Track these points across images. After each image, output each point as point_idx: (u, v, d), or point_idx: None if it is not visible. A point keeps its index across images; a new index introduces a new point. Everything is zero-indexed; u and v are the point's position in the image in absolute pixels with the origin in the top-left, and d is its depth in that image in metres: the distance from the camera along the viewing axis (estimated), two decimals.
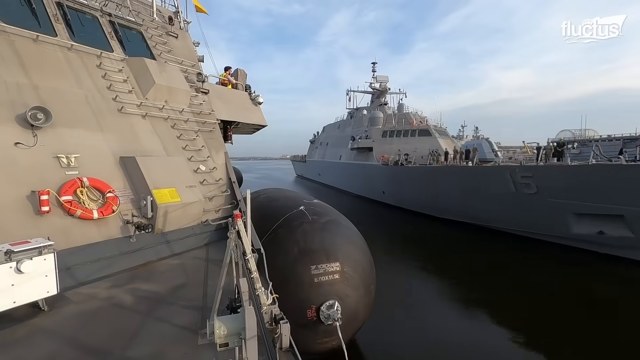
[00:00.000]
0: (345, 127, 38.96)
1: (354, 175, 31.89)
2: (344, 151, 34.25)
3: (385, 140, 27.90)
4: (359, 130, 32.79)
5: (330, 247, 5.77)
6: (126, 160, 5.77)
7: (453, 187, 18.14)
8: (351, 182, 33.29)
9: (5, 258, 3.25)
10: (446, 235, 17.48)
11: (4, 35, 5.07)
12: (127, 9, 7.46)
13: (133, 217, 5.41)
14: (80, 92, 5.68)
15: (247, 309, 2.09)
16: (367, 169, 28.19)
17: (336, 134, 40.91)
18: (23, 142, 4.62)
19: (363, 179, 29.65)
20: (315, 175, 48.17)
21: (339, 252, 5.77)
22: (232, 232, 3.11)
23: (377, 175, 26.33)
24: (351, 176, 32.77)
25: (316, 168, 47.44)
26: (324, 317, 5.23)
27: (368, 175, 28.31)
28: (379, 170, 25.76)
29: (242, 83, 10.40)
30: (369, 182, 28.52)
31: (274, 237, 6.04)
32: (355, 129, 34.33)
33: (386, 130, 28.64)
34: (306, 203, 6.90)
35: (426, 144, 25.12)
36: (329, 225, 6.22)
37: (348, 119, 39.87)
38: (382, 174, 25.61)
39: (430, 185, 20.21)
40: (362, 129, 32.38)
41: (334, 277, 5.49)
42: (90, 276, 4.59)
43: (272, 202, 7.69)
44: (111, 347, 3.08)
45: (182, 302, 4.06)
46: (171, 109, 7.12)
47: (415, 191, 22.05)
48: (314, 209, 6.69)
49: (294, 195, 8.27)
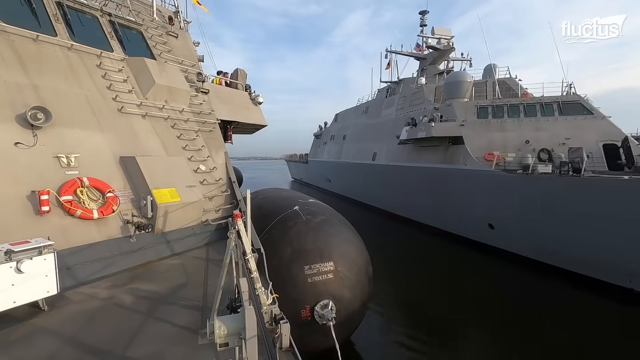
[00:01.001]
0: (382, 108, 24.93)
1: (412, 188, 18.24)
2: (382, 146, 22.37)
3: (484, 125, 15.21)
4: (415, 111, 19.60)
5: (324, 247, 5.77)
6: (126, 160, 5.77)
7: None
8: (406, 199, 19.43)
9: (5, 258, 3.26)
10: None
11: (4, 35, 5.07)
12: (127, 9, 7.46)
13: (133, 217, 5.41)
14: (80, 92, 5.68)
15: (247, 309, 2.08)
16: (455, 179, 14.98)
17: (362, 120, 27.97)
18: (23, 142, 4.61)
19: (440, 197, 16.27)
20: (321, 181, 35.58)
21: (333, 251, 5.77)
22: (232, 232, 3.10)
23: (495, 192, 12.99)
24: (406, 189, 18.97)
25: (324, 170, 34.38)
26: (318, 317, 5.25)
27: (457, 190, 14.99)
28: (501, 183, 12.62)
29: (242, 83, 10.40)
30: (461, 206, 15.06)
31: (268, 237, 6.04)
32: (408, 109, 20.74)
33: (485, 106, 15.67)
34: (301, 203, 6.90)
35: (588, 131, 13.60)
36: (323, 224, 6.21)
37: (382, 97, 26.49)
38: (511, 191, 12.35)
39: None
40: (421, 107, 19.23)
41: (327, 277, 5.50)
42: (90, 276, 4.59)
43: (268, 202, 7.70)
44: (111, 347, 3.08)
45: (182, 302, 4.06)
46: (171, 108, 7.12)
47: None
48: (309, 208, 6.68)
49: (291, 195, 8.30)
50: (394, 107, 23.33)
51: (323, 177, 34.63)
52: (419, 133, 16.86)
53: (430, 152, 17.21)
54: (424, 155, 17.66)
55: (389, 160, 21.28)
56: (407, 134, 17.86)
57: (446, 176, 15.60)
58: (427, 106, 18.79)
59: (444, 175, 15.79)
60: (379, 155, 22.88)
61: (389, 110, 24.03)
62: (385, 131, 22.79)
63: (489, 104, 15.88)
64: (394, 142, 20.39)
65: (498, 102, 15.83)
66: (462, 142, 14.95)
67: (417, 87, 21.17)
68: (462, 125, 15.36)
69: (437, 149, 16.79)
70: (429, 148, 17.37)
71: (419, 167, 17.76)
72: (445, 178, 15.66)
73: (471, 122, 15.48)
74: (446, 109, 16.84)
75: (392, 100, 24.22)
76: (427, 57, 25.38)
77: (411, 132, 17.51)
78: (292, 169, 52.06)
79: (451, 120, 15.98)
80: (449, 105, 16.83)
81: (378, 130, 24.43)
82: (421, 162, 17.78)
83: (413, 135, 17.28)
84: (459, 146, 15.16)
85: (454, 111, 16.15)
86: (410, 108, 20.94)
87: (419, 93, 20.68)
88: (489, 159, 13.78)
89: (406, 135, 17.93)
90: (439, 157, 16.53)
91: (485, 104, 15.95)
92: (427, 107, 18.58)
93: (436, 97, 19.50)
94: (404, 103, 22.12)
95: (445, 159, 16.04)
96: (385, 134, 22.57)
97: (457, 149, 15.39)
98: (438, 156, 16.61)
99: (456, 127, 15.46)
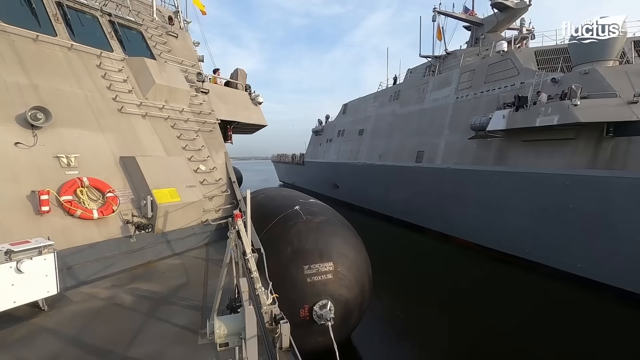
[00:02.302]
0: (428, 90, 18.29)
1: (511, 207, 12.13)
2: (436, 142, 16.34)
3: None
4: (501, 88, 13.66)
5: (324, 247, 5.77)
6: (126, 160, 5.77)
7: None
8: (497, 222, 12.72)
9: (5, 258, 3.25)
10: None
11: (4, 35, 5.07)
12: (127, 9, 7.45)
13: (133, 217, 5.41)
14: (80, 92, 5.68)
15: (247, 309, 2.08)
16: (629, 197, 9.04)
17: (391, 109, 21.14)
18: (23, 142, 4.61)
19: (587, 226, 10.00)
20: (323, 186, 27.87)
21: (333, 252, 5.76)
22: (232, 232, 3.10)
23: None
24: (494, 207, 12.77)
25: (329, 174, 27.20)
26: (316, 316, 5.25)
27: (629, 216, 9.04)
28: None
29: (242, 83, 10.40)
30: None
31: (268, 236, 6.04)
32: (483, 87, 14.64)
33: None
34: (302, 203, 6.90)
35: None
36: (323, 224, 6.21)
37: (419, 77, 20.10)
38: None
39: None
40: (515, 82, 13.13)
41: (327, 277, 5.50)
42: (90, 276, 4.59)
43: (269, 201, 7.71)
44: (111, 347, 3.08)
45: (182, 302, 4.06)
46: (171, 108, 7.12)
47: None
48: (309, 208, 6.67)
49: (292, 194, 8.29)
50: (452, 87, 16.50)
51: (327, 182, 26.96)
52: (538, 119, 10.55)
53: (553, 150, 11.00)
54: (539, 155, 11.41)
55: (451, 162, 14.91)
56: (505, 122, 11.58)
57: (602, 190, 9.53)
58: (527, 79, 12.49)
59: (595, 190, 9.66)
60: (429, 154, 16.48)
61: (443, 91, 17.08)
62: (439, 121, 16.57)
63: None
64: (459, 136, 14.80)
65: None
66: (639, 132, 9.27)
67: (502, 53, 14.32)
68: (633, 102, 9.42)
69: (568, 145, 10.63)
70: (547, 143, 11.15)
71: (532, 174, 11.30)
72: (597, 194, 9.62)
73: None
74: (581, 80, 10.70)
75: (447, 78, 17.18)
76: (484, 22, 18.66)
77: (515, 118, 11.27)
78: (281, 170, 43.18)
79: (601, 95, 10.01)
80: (587, 72, 10.72)
81: (423, 120, 17.81)
82: (532, 165, 11.42)
83: (521, 122, 11.09)
84: (636, 138, 9.31)
85: (605, 81, 10.22)
86: (488, 85, 14.37)
87: (505, 62, 13.87)
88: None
89: (503, 124, 11.61)
90: (580, 157, 10.34)
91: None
92: (528, 81, 12.29)
93: (541, 67, 13.13)
94: (473, 79, 15.29)
95: (597, 161, 9.96)
96: (439, 124, 16.50)
97: (629, 144, 9.43)
98: (577, 156, 10.42)
99: (622, 106, 9.53)
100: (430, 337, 7.79)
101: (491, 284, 11.02)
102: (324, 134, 31.69)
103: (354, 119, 26.42)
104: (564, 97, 10.29)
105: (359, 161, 23.09)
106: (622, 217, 9.19)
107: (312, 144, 34.37)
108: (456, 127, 15.39)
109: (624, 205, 9.17)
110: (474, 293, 10.24)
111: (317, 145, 32.66)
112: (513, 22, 17.95)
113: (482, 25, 18.94)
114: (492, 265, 12.35)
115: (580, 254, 10.23)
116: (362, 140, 23.88)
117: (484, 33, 18.41)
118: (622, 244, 9.17)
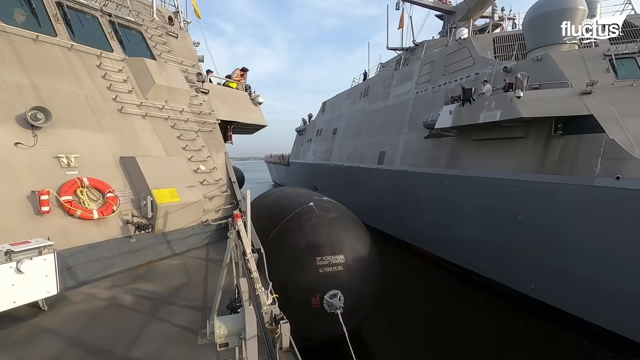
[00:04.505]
0: (393, 85, 16.70)
1: (464, 217, 10.65)
2: (396, 142, 14.91)
3: (637, 93, 7.86)
4: (458, 80, 12.13)
5: (336, 241, 6.08)
6: (126, 160, 5.77)
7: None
8: (449, 231, 11.38)
9: (5, 258, 3.26)
10: None
11: (4, 35, 5.07)
12: (127, 9, 7.45)
13: (133, 217, 5.41)
14: (80, 92, 5.68)
15: (247, 309, 2.09)
16: (580, 207, 7.46)
17: (361, 107, 19.67)
18: (23, 142, 4.61)
19: (536, 238, 8.40)
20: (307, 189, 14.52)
21: (344, 245, 6.08)
22: (232, 232, 3.11)
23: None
24: (445, 215, 11.49)
25: (309, 175, 25.93)
26: (327, 305, 5.59)
27: (584, 230, 7.40)
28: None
29: (242, 83, 10.42)
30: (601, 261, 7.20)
31: (284, 229, 6.36)
32: (441, 80, 13.18)
33: (631, 55, 8.45)
34: (316, 200, 7.20)
35: None
36: (335, 220, 6.50)
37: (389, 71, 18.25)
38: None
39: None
40: (471, 72, 11.77)
41: (338, 269, 5.84)
42: (90, 276, 4.60)
43: (285, 198, 8.05)
44: (111, 347, 3.08)
45: (182, 302, 4.06)
46: (171, 109, 7.12)
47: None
48: (323, 205, 6.98)
49: (306, 192, 8.61)
50: (414, 81, 14.81)
51: (307, 184, 24.03)
52: (482, 115, 9.05)
53: (502, 151, 9.47)
54: (488, 157, 9.89)
55: (408, 164, 13.43)
56: (451, 119, 10.14)
57: (550, 202, 8.05)
58: (482, 69, 11.02)
59: (543, 199, 8.20)
60: (390, 155, 14.91)
61: (406, 86, 15.38)
62: (400, 118, 14.92)
63: (638, 50, 8.40)
64: (416, 135, 13.33)
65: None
66: (593, 129, 7.58)
67: (459, 41, 12.76)
68: (586, 93, 7.92)
69: (516, 145, 9.14)
70: (497, 142, 9.62)
71: (480, 178, 9.87)
72: (546, 205, 8.13)
73: (607, 87, 8.04)
74: (534, 68, 9.22)
75: (410, 71, 15.48)
76: (456, 9, 17.37)
77: (461, 114, 9.86)
78: (273, 171, 42.09)
79: (552, 85, 8.47)
80: (540, 59, 9.20)
81: (387, 118, 16.18)
82: (480, 168, 9.98)
83: (466, 119, 9.64)
84: (587, 137, 7.71)
85: (557, 68, 8.71)
86: (446, 78, 12.85)
87: (462, 51, 12.37)
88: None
89: (450, 121, 10.20)
90: (528, 159, 8.79)
91: (630, 52, 8.46)
92: (483, 71, 10.84)
93: (497, 55, 11.65)
94: (433, 71, 13.74)
95: (545, 164, 8.39)
96: (400, 122, 14.85)
97: (579, 143, 7.85)
98: (524, 158, 8.89)
99: (573, 98, 8.01)
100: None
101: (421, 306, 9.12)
102: (305, 134, 29.69)
103: (330, 117, 24.68)
104: (509, 88, 8.69)
105: (331, 162, 21.47)
106: (571, 232, 7.69)
107: (296, 144, 32.47)
108: (414, 125, 13.67)
109: (571, 218, 7.65)
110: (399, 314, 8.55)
111: (300, 146, 30.75)
112: (486, 9, 16.81)
113: (454, 13, 17.57)
114: (443, 279, 10.93)
115: (534, 272, 8.56)
116: (335, 139, 22.29)
117: (455, 22, 16.81)
118: (573, 263, 7.72)
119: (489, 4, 16.48)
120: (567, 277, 7.91)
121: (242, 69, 10.61)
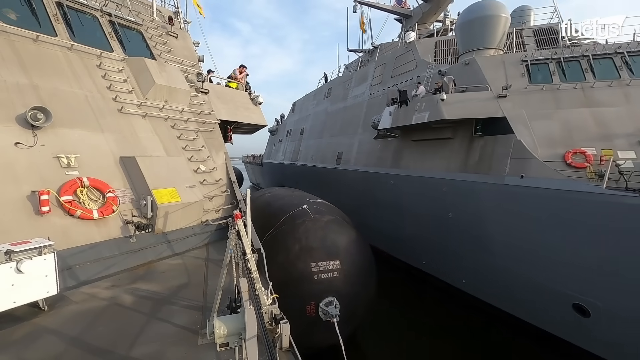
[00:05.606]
0: (351, 86, 17.37)
1: (412, 217, 11.15)
2: (351, 142, 15.61)
3: (548, 94, 8.64)
4: (404, 82, 12.79)
5: (331, 246, 5.86)
6: (126, 160, 5.76)
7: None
8: (400, 231, 11.95)
9: (5, 258, 3.25)
10: None
11: (4, 35, 5.07)
12: (127, 9, 7.45)
13: (133, 217, 5.41)
14: (80, 92, 5.68)
15: (247, 309, 2.08)
16: (495, 207, 8.14)
17: (324, 107, 20.21)
18: (23, 142, 4.61)
19: (464, 242, 9.17)
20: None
21: (340, 250, 5.86)
22: (232, 232, 3.10)
23: (604, 240, 6.09)
24: (393, 216, 12.02)
25: (279, 176, 25.98)
26: (322, 313, 5.37)
27: (503, 229, 8.00)
28: (620, 218, 5.80)
29: (242, 83, 10.42)
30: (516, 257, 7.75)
31: (277, 233, 6.14)
32: (390, 82, 13.77)
33: (543, 60, 9.14)
34: (310, 202, 7.00)
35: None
36: (330, 224, 6.28)
37: (351, 73, 18.63)
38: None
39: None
40: (413, 75, 12.42)
41: (333, 275, 5.61)
42: (90, 276, 4.59)
43: (277, 199, 7.81)
44: (111, 347, 3.07)
45: (182, 302, 4.06)
46: (171, 109, 7.12)
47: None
48: (317, 207, 6.78)
49: (299, 194, 8.37)
50: (368, 82, 15.55)
51: (279, 184, 24.26)
52: (414, 116, 9.62)
53: (436, 152, 10.13)
54: (425, 157, 10.58)
55: (361, 164, 13.95)
56: (390, 120, 10.82)
57: (472, 199, 8.56)
58: (423, 72, 11.66)
59: (467, 197, 8.70)
60: (346, 155, 15.41)
61: (361, 87, 16.06)
62: (355, 119, 15.52)
63: (551, 57, 8.88)
64: (368, 136, 13.86)
65: (569, 54, 8.80)
66: (505, 130, 8.10)
67: (405, 44, 13.58)
68: (502, 96, 8.48)
69: (447, 145, 9.77)
70: (432, 143, 10.26)
71: (413, 177, 10.60)
72: (469, 202, 8.66)
73: (520, 91, 8.65)
74: (463, 71, 9.86)
75: (365, 73, 16.22)
76: (413, 13, 18.04)
77: (398, 115, 10.48)
78: (250, 171, 41.02)
79: (476, 88, 9.05)
80: (468, 63, 9.85)
81: (345, 118, 16.82)
82: (418, 168, 10.60)
83: (402, 120, 10.25)
84: (500, 138, 8.26)
85: (481, 72, 9.26)
86: (394, 80, 13.49)
87: (408, 54, 13.01)
88: (578, 163, 7.33)
89: (389, 122, 10.88)
90: (455, 159, 9.41)
91: (543, 58, 8.97)
92: (424, 74, 11.44)
93: (438, 58, 12.53)
94: (384, 73, 14.42)
95: (468, 163, 8.99)
96: (355, 123, 15.41)
97: (494, 144, 8.42)
98: (452, 158, 9.51)
99: (490, 101, 8.56)
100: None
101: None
102: (277, 134, 29.75)
103: (299, 117, 25.03)
104: (438, 90, 9.33)
105: (298, 162, 21.73)
106: (492, 229, 8.12)
107: (268, 144, 32.25)
108: (367, 126, 14.01)
109: (491, 215, 8.14)
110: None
111: (272, 146, 30.64)
112: (440, 14, 17.23)
113: (411, 17, 18.17)
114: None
115: (464, 267, 9.36)
116: (302, 140, 22.57)
117: (412, 25, 16.93)
118: (495, 259, 8.21)
119: (442, 9, 17.07)
120: (490, 272, 8.49)
121: (240, 67, 10.58)
